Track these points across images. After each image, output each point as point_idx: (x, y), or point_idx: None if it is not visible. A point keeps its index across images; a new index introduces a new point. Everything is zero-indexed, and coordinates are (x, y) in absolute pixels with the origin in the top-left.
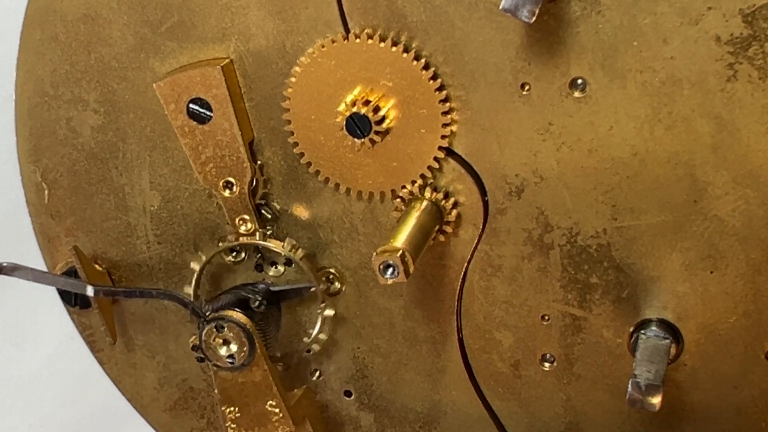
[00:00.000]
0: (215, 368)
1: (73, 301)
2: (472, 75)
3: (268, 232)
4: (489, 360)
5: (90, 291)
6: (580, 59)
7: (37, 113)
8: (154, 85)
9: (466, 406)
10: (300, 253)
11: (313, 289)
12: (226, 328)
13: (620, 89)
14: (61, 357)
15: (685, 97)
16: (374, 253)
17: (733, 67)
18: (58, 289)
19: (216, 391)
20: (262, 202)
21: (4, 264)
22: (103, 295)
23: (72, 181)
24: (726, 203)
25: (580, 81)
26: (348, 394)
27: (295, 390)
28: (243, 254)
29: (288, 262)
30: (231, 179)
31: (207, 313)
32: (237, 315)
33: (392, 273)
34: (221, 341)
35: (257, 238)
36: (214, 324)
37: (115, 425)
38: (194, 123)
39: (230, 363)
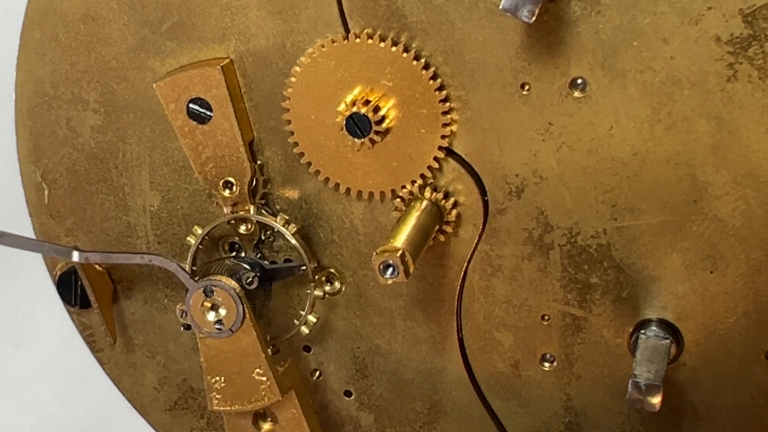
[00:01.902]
0: (201, 336)
1: (73, 301)
2: (472, 75)
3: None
4: (489, 360)
5: (75, 256)
6: (580, 59)
7: (37, 113)
8: (154, 85)
9: (466, 406)
10: (292, 227)
11: (304, 267)
12: (215, 293)
13: (620, 89)
14: (61, 357)
15: (685, 97)
16: (374, 253)
17: (733, 67)
18: (58, 289)
19: (201, 359)
20: (262, 202)
21: None
22: (88, 260)
23: (72, 181)
24: (726, 203)
25: (580, 81)
26: (348, 394)
27: (281, 362)
28: (243, 254)
29: (287, 261)
30: (231, 179)
31: (196, 278)
32: (227, 279)
33: (392, 273)
34: (209, 306)
35: (251, 212)
36: (202, 288)
37: (115, 425)
38: (194, 123)
39: (218, 329)
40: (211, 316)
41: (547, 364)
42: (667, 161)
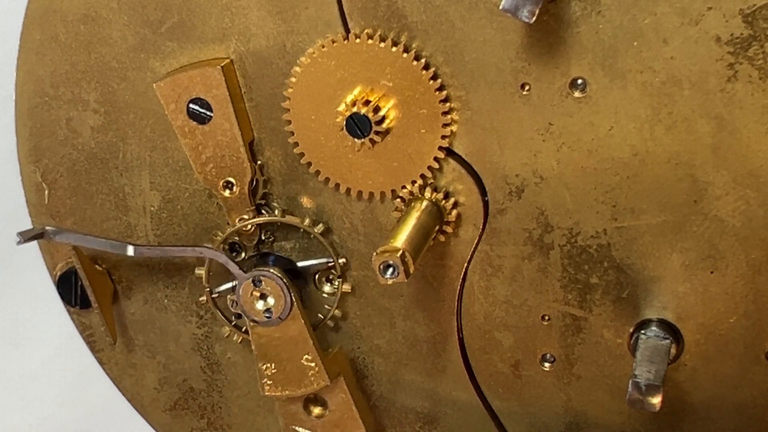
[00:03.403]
0: (252, 324)
1: (73, 301)
2: (472, 75)
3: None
4: (489, 360)
5: (131, 251)
6: (581, 59)
7: (37, 113)
8: (154, 85)
9: (466, 406)
10: (320, 227)
11: (331, 263)
12: (263, 282)
13: (620, 89)
14: (61, 357)
15: (686, 98)
16: (374, 253)
17: (733, 68)
18: (58, 289)
19: (253, 347)
20: (263, 202)
21: (48, 228)
22: (143, 254)
23: (72, 182)
24: (726, 203)
25: (580, 81)
26: None
27: (330, 349)
28: (243, 254)
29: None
30: (231, 179)
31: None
32: (274, 269)
33: (392, 273)
34: (258, 295)
35: (276, 214)
36: (251, 278)
37: (115, 425)
38: (194, 123)
39: (267, 317)
40: (260, 305)
41: (547, 365)
42: (667, 161)
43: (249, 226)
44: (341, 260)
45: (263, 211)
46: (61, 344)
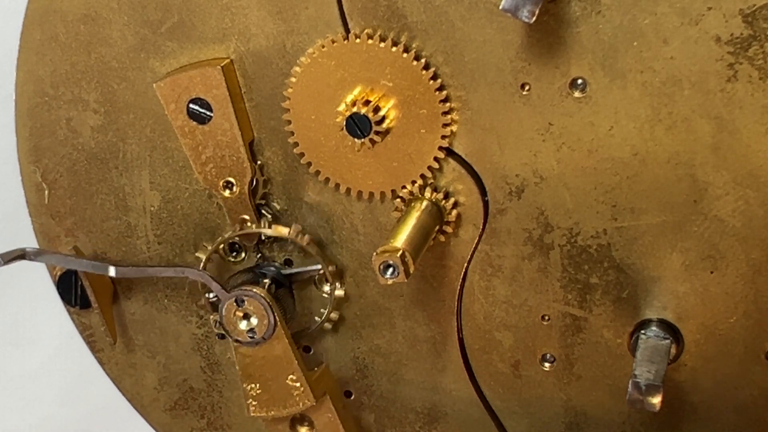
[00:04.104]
0: (236, 344)
1: (73, 301)
2: (472, 75)
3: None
4: (489, 360)
5: (112, 272)
6: (581, 59)
7: (37, 113)
8: (154, 85)
9: (466, 406)
10: (306, 238)
11: (321, 270)
12: (246, 302)
13: (620, 89)
14: (61, 357)
15: (686, 98)
16: (374, 253)
17: (733, 68)
18: (58, 289)
19: (237, 368)
20: (263, 202)
21: (28, 249)
22: (125, 275)
23: (72, 181)
24: (726, 203)
25: (580, 81)
26: (348, 394)
27: (315, 368)
28: (243, 254)
29: (287, 262)
30: (231, 179)
31: (227, 289)
32: (257, 289)
33: (392, 273)
34: (241, 315)
35: (263, 225)
36: (234, 298)
37: (115, 425)
38: (194, 123)
39: (251, 337)
40: (244, 325)
41: (547, 365)
42: (667, 161)
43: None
44: (331, 268)
45: (263, 211)
46: (61, 344)
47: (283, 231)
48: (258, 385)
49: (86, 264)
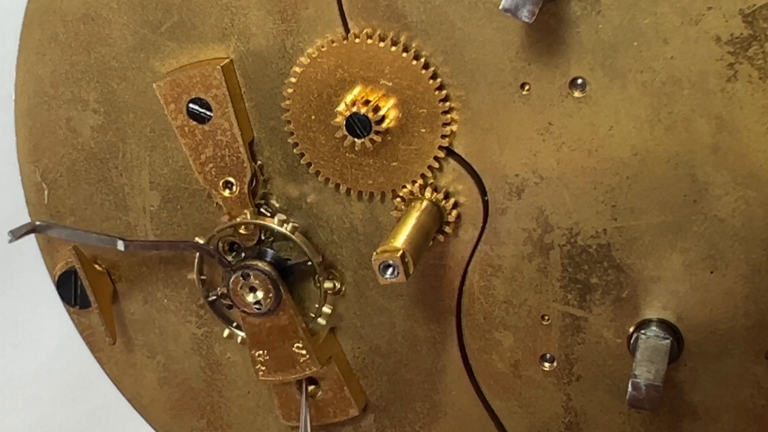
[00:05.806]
0: (244, 314)
1: (72, 301)
2: (472, 75)
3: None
4: (489, 360)
5: (120, 245)
6: (580, 59)
7: (37, 113)
8: (154, 85)
9: (466, 406)
10: (289, 227)
11: (310, 263)
12: (251, 276)
13: (620, 89)
14: (61, 357)
15: (686, 97)
16: (374, 253)
17: (733, 67)
18: (58, 289)
19: (245, 335)
20: (262, 202)
21: (38, 223)
22: (133, 248)
23: (72, 181)
24: (726, 203)
25: (580, 81)
26: None
27: (320, 333)
28: (243, 255)
29: (286, 260)
30: (231, 179)
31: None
32: (262, 263)
33: (392, 273)
34: (248, 288)
35: (248, 217)
36: (240, 272)
37: (115, 425)
38: (194, 123)
39: (257, 309)
40: (251, 298)
41: (547, 364)
42: (667, 161)
43: (250, 227)
44: (317, 258)
45: (262, 211)
46: (61, 344)
47: (268, 221)
48: (265, 351)
49: (95, 238)
